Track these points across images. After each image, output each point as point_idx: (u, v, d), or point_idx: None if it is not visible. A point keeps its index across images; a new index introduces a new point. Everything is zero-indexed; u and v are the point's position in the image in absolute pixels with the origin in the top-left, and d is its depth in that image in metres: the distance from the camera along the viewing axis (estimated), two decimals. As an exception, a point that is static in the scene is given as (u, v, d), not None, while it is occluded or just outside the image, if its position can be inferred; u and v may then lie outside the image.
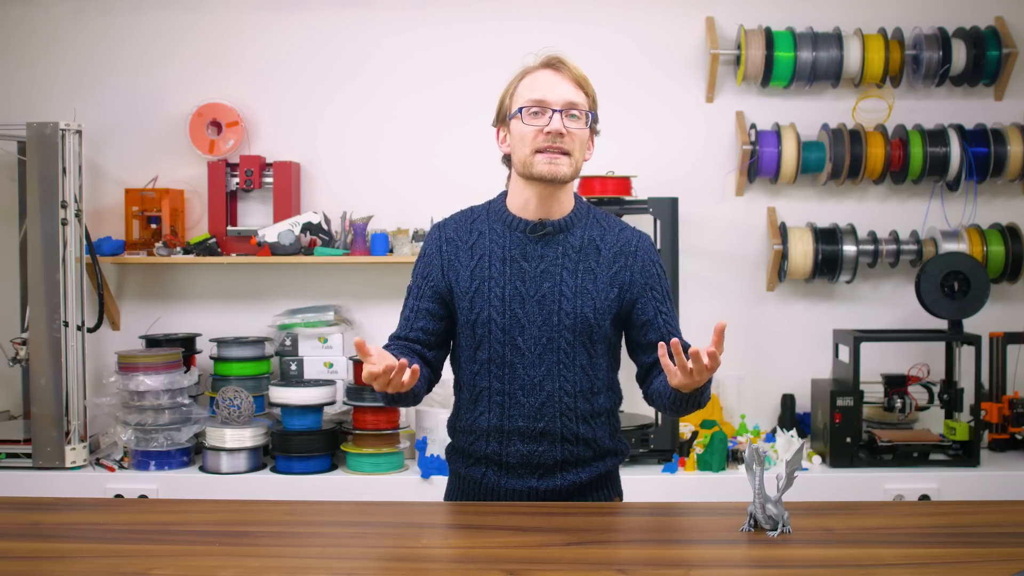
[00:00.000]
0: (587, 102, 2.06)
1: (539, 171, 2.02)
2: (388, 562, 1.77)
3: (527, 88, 2.05)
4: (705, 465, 3.39)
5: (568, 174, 2.04)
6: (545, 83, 2.04)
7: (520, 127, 2.04)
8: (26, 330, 3.49)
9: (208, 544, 1.80)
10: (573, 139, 2.03)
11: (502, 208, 2.12)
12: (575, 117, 2.04)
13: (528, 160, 2.03)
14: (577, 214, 2.11)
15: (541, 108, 2.02)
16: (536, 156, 2.02)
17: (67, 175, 3.40)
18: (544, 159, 2.02)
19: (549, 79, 2.05)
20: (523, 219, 2.09)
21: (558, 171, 2.02)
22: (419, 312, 2.12)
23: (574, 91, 2.04)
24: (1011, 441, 3.56)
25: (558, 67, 2.05)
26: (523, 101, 2.04)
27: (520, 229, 2.09)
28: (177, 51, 3.86)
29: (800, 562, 1.67)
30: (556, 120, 2.01)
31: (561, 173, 2.03)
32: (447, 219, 2.18)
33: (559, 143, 2.01)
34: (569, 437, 2.07)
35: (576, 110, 2.04)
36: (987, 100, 3.81)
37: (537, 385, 2.06)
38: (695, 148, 3.82)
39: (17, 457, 3.43)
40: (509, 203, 2.12)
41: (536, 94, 2.03)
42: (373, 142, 3.85)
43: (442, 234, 2.14)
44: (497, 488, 2.11)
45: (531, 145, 2.02)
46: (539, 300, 2.05)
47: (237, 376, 3.58)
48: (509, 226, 2.10)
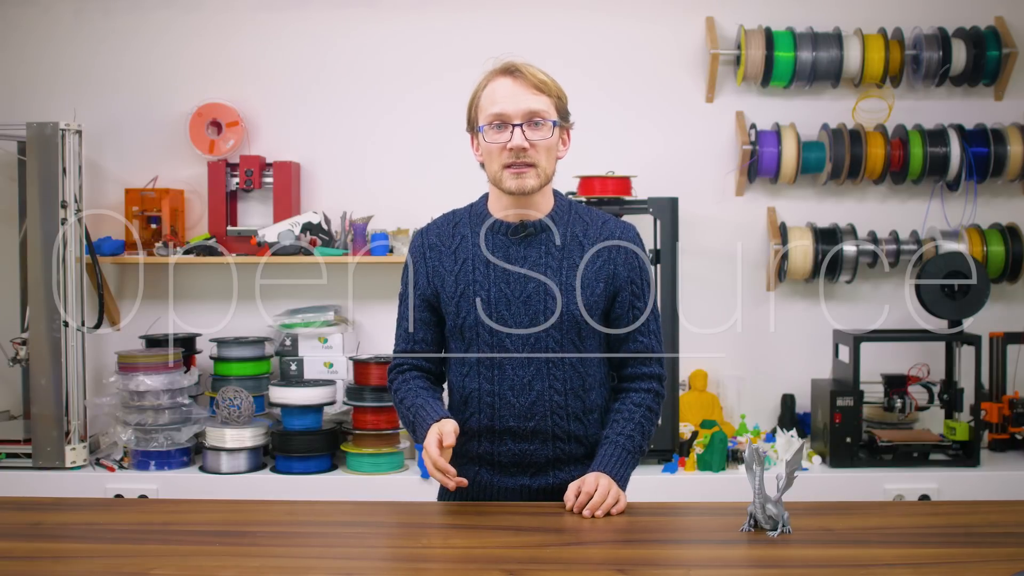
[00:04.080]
0: (550, 105, 2.03)
1: (507, 186, 2.04)
2: (388, 562, 1.77)
3: (488, 100, 2.03)
4: (705, 465, 3.39)
5: (536, 185, 2.04)
6: (503, 95, 2.02)
7: (485, 144, 2.05)
8: (26, 330, 3.49)
9: (208, 544, 1.80)
10: (538, 150, 2.03)
11: (483, 211, 2.13)
12: (538, 124, 2.02)
13: (497, 175, 2.05)
14: (558, 212, 2.11)
15: (502, 122, 2.01)
16: (504, 171, 2.03)
17: (67, 175, 3.40)
18: (510, 174, 2.03)
19: (507, 89, 2.02)
20: (504, 221, 2.09)
21: (525, 184, 2.03)
22: (416, 324, 2.15)
23: (534, 98, 2.01)
24: (1011, 441, 3.56)
25: (515, 74, 2.02)
26: (485, 117, 2.03)
27: (502, 232, 2.09)
28: (177, 51, 3.86)
29: (800, 562, 1.67)
30: (517, 136, 2.00)
31: (528, 186, 2.03)
32: (429, 224, 2.19)
33: (523, 157, 2.02)
34: (560, 435, 2.08)
35: (539, 117, 2.02)
36: (987, 100, 3.81)
37: (527, 385, 2.06)
38: (695, 148, 3.82)
39: (17, 457, 3.43)
40: (490, 206, 2.13)
41: (496, 107, 2.01)
42: (373, 142, 3.85)
43: (425, 240, 2.15)
44: (490, 487, 2.12)
45: (498, 161, 2.04)
46: (524, 301, 2.06)
47: (237, 376, 3.58)
48: (491, 229, 2.10)
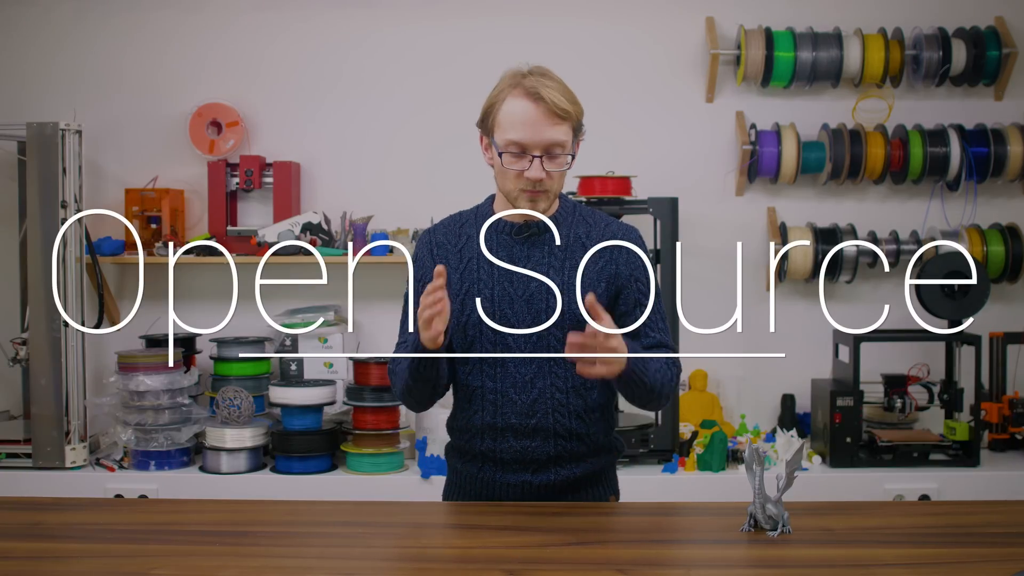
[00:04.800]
0: (569, 132, 2.02)
1: (520, 207, 2.07)
2: (388, 562, 1.77)
3: (507, 121, 2.00)
4: (705, 465, 3.39)
5: (547, 207, 2.08)
6: (523, 121, 1.99)
7: (501, 167, 2.05)
8: (26, 330, 3.49)
9: (208, 544, 1.80)
10: (553, 179, 2.04)
11: (489, 212, 2.16)
12: (556, 155, 2.02)
13: (512, 195, 2.06)
14: (563, 213, 2.14)
15: (521, 150, 2.01)
16: (520, 194, 2.05)
17: (67, 175, 3.40)
18: (524, 198, 2.05)
19: (529, 116, 1.99)
20: (509, 221, 2.12)
21: (538, 207, 2.06)
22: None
23: (554, 129, 2.00)
24: (1011, 441, 3.56)
25: (537, 99, 1.99)
26: (502, 138, 2.01)
27: (507, 232, 2.12)
28: (177, 51, 3.85)
29: (800, 562, 1.67)
30: (536, 169, 2.01)
31: (540, 208, 2.07)
32: (436, 225, 2.22)
33: (539, 187, 2.03)
34: (562, 432, 2.09)
35: (558, 148, 2.01)
36: (987, 100, 3.81)
37: (528, 382, 2.08)
38: (695, 148, 3.81)
39: (17, 457, 3.42)
40: (496, 206, 2.16)
41: (515, 134, 2.00)
42: (373, 142, 3.85)
43: (432, 239, 2.18)
44: (492, 483, 2.14)
45: (513, 184, 2.05)
46: (527, 299, 2.08)
47: (237, 376, 3.58)
48: (495, 228, 2.13)
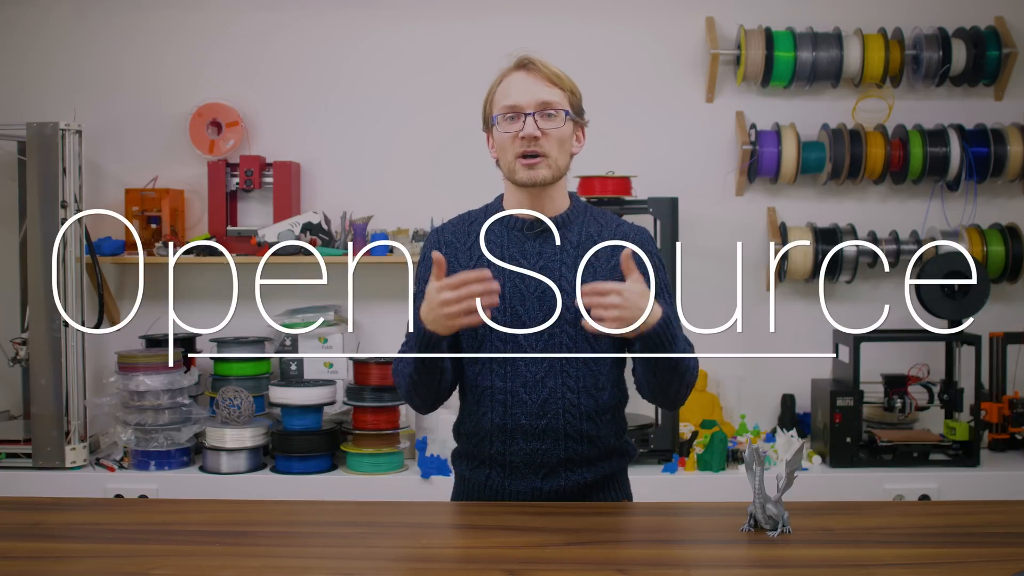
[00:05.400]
0: (563, 97, 2.06)
1: (520, 178, 2.05)
2: (389, 562, 1.77)
3: (502, 94, 2.06)
4: (705, 465, 3.39)
5: (548, 176, 2.05)
6: (517, 87, 2.05)
7: (499, 135, 2.06)
8: (26, 330, 3.49)
9: (208, 544, 1.80)
10: (550, 139, 2.04)
11: (499, 210, 2.14)
12: (551, 116, 2.04)
13: (511, 167, 2.06)
14: (574, 211, 2.13)
15: (515, 113, 2.03)
16: (517, 162, 2.04)
17: (67, 175, 3.40)
18: (523, 165, 2.04)
19: (521, 82, 2.05)
20: (520, 218, 2.10)
21: (536, 175, 2.04)
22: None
23: (547, 89, 2.04)
24: (1011, 441, 3.56)
25: (529, 67, 2.05)
26: (498, 108, 2.06)
27: (517, 228, 2.10)
28: (177, 51, 3.85)
29: (800, 562, 1.67)
30: (529, 124, 2.02)
31: (540, 177, 2.04)
32: (445, 224, 2.20)
33: (535, 147, 2.03)
34: (572, 434, 2.07)
35: (551, 109, 2.04)
36: (987, 100, 3.81)
37: (539, 381, 2.06)
38: (695, 148, 3.82)
39: (17, 457, 3.42)
40: (506, 203, 2.15)
41: (509, 99, 2.04)
42: (373, 142, 3.85)
43: (440, 237, 2.16)
44: (501, 490, 2.11)
45: (511, 151, 2.05)
46: (539, 297, 2.06)
47: (237, 376, 3.58)
48: (506, 225, 2.11)
